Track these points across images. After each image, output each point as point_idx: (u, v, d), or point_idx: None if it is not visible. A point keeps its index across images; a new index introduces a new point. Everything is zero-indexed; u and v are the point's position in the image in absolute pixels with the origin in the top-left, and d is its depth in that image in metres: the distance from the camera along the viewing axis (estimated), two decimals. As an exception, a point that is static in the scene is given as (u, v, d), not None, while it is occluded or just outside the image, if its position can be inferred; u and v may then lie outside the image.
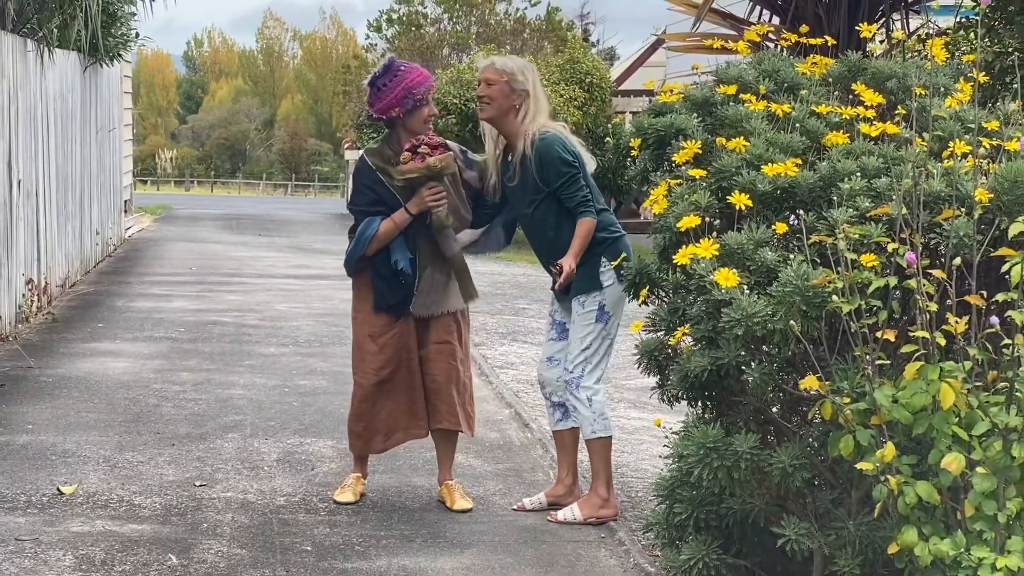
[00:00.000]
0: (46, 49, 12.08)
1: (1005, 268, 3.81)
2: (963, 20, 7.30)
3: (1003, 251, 3.86)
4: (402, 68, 6.07)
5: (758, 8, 7.69)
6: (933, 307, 3.85)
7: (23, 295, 11.16)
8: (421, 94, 5.94)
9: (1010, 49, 5.89)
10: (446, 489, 6.20)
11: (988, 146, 4.52)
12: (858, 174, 4.48)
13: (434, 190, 5.83)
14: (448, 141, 6.19)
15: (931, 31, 7.33)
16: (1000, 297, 3.81)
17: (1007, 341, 3.78)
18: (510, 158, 6.28)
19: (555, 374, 6.32)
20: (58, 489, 6.32)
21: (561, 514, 6.12)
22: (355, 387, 6.17)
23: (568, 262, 5.78)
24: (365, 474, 6.37)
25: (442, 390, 6.11)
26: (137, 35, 17.16)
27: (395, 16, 37.87)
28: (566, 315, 6.34)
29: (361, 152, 6.42)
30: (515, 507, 6.34)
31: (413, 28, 36.54)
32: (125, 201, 21.02)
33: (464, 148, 6.29)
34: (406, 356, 6.03)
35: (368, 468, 6.41)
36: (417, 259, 5.94)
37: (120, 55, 16.53)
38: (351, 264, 6.05)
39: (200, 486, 6.49)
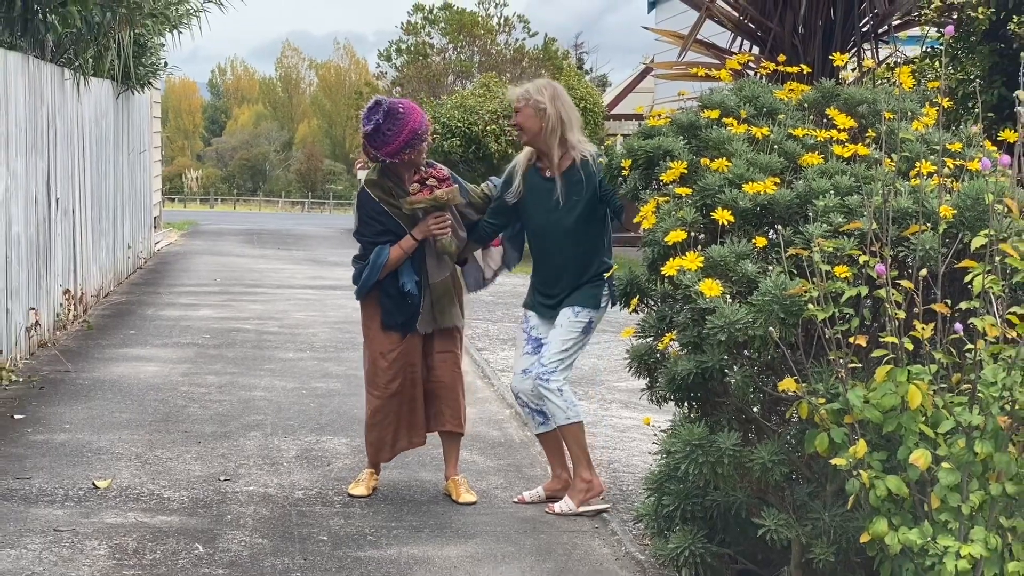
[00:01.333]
0: (82, 77, 12.04)
1: (968, 279, 3.78)
2: (928, 49, 7.22)
3: (966, 263, 3.83)
4: (400, 110, 5.93)
5: (739, 39, 7.67)
6: (901, 315, 3.82)
7: (61, 304, 11.11)
8: (424, 134, 5.88)
9: (972, 76, 5.85)
10: (452, 484, 6.17)
11: (952, 166, 4.48)
12: (832, 192, 4.43)
13: (440, 219, 5.81)
14: (452, 173, 6.14)
15: (899, 60, 7.33)
16: (963, 305, 3.79)
17: (970, 346, 3.75)
18: (547, 174, 6.13)
19: (529, 385, 6.23)
20: (93, 484, 6.30)
21: (557, 506, 6.09)
22: (368, 399, 6.10)
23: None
24: (378, 470, 6.31)
25: (447, 395, 6.06)
26: (165, 64, 17.10)
27: (403, 46, 37.82)
28: (544, 332, 6.25)
29: (361, 184, 6.30)
30: (516, 500, 6.31)
31: (420, 57, 36.49)
32: (155, 217, 20.90)
33: (459, 179, 6.19)
34: (411, 370, 5.97)
35: (379, 465, 6.43)
36: (423, 280, 5.91)
37: (150, 82, 16.46)
38: (364, 290, 5.98)
39: (224, 481, 6.47)
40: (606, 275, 6.15)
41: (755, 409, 4.54)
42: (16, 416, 7.76)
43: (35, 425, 7.57)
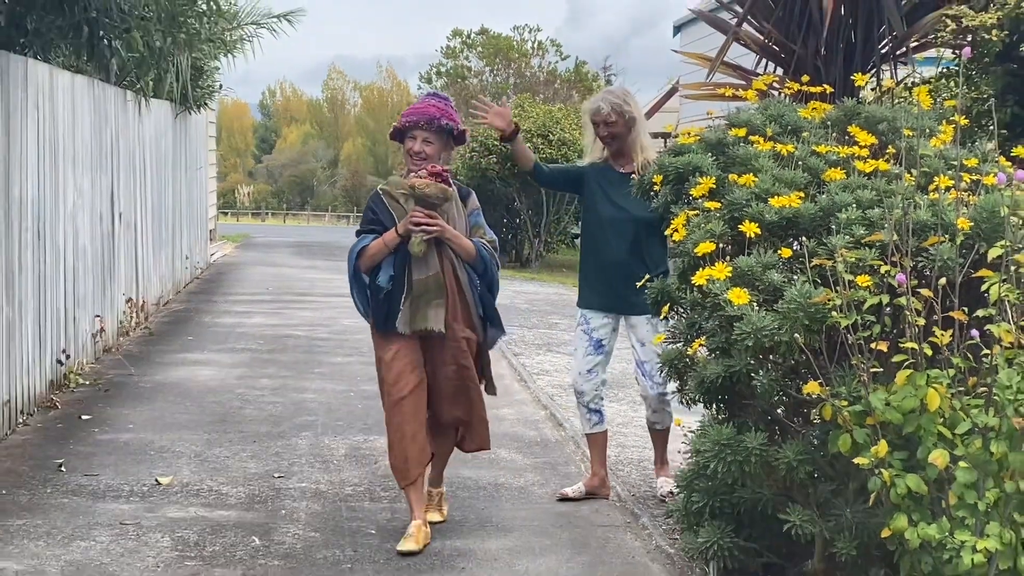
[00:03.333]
0: (143, 99, 12.10)
1: (984, 287, 3.76)
2: (945, 70, 7.19)
3: (982, 272, 3.81)
4: (420, 97, 5.63)
5: (764, 61, 7.64)
6: (921, 322, 3.79)
7: (124, 312, 11.16)
8: (402, 123, 5.35)
9: (986, 95, 5.80)
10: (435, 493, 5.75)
11: (968, 180, 4.44)
12: (854, 205, 4.41)
13: (416, 215, 5.15)
14: (467, 192, 5.56)
15: (917, 80, 7.29)
16: (980, 313, 3.77)
17: (986, 351, 3.73)
18: (623, 170, 6.18)
19: (593, 385, 6.23)
20: (156, 480, 6.33)
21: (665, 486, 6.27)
22: (385, 416, 5.45)
23: None
24: (425, 522, 5.36)
25: (455, 405, 5.37)
26: (220, 86, 17.10)
27: (443, 69, 37.91)
28: (604, 333, 6.24)
29: None
30: (558, 496, 6.26)
31: (459, 79, 36.56)
32: (210, 230, 20.93)
33: (478, 214, 5.51)
34: (417, 375, 5.28)
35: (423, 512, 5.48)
36: (405, 279, 5.25)
37: (206, 103, 16.47)
38: (351, 283, 5.46)
39: (278, 477, 6.48)
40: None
41: (780, 411, 4.49)
42: (83, 417, 7.80)
43: (101, 425, 7.60)
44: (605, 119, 6.16)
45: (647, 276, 5.59)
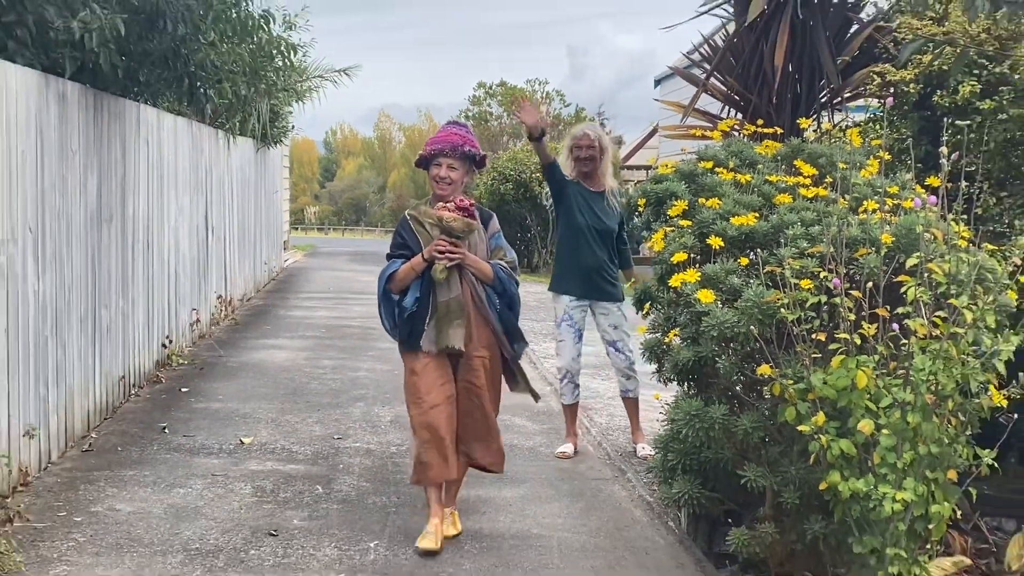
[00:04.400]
0: (231, 137, 12.02)
1: (903, 290, 3.71)
2: (872, 116, 7.08)
3: (902, 278, 3.76)
4: (442, 127, 4.86)
5: (727, 108, 7.52)
6: (852, 317, 3.74)
7: (215, 306, 11.09)
8: (427, 150, 4.65)
9: (905, 136, 5.70)
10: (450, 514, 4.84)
11: (890, 204, 4.37)
12: (798, 224, 4.34)
13: (441, 244, 4.50)
14: (490, 217, 4.80)
15: (849, 124, 7.16)
16: (900, 310, 3.72)
17: (904, 341, 3.68)
18: (594, 189, 6.18)
19: (579, 365, 6.24)
20: (240, 440, 6.29)
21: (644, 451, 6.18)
22: (412, 423, 4.69)
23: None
24: (442, 519, 4.61)
25: (472, 425, 4.67)
26: (292, 127, 16.95)
27: (470, 114, 38.07)
28: (580, 318, 6.21)
29: None
30: (557, 454, 6.18)
31: (482, 122, 36.81)
32: (284, 242, 20.78)
33: (499, 238, 4.78)
34: (444, 391, 4.60)
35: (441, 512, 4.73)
36: (431, 300, 4.57)
37: (281, 140, 16.29)
38: (380, 304, 4.71)
39: (337, 439, 6.42)
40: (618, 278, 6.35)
41: (739, 388, 4.42)
42: (183, 389, 7.76)
43: (196, 396, 7.57)
44: (588, 144, 6.15)
45: (616, 274, 5.84)
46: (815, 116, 7.20)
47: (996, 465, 3.85)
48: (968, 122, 5.17)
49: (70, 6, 5.86)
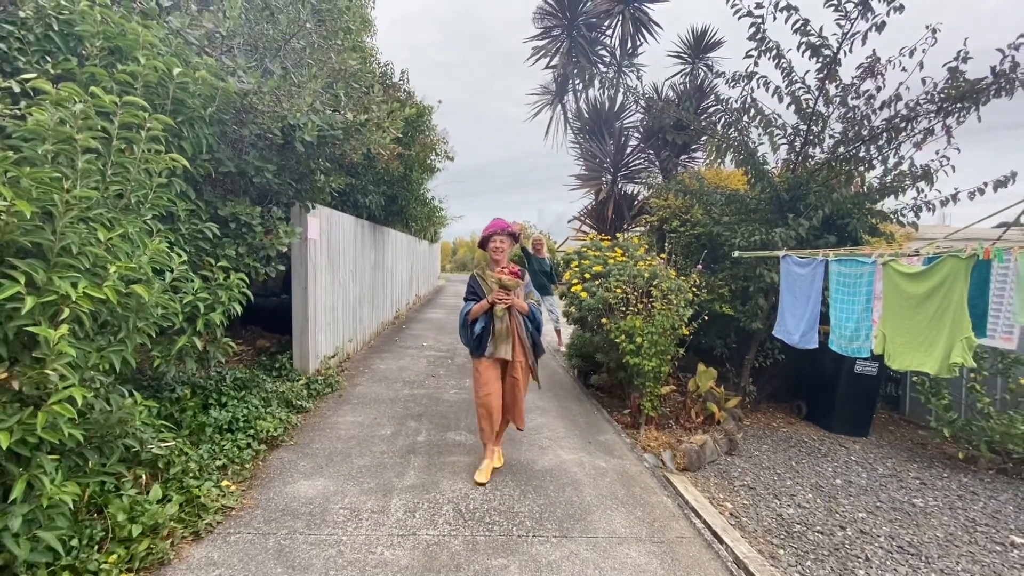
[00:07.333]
0: (418, 238, 14.20)
1: (652, 292, 5.25)
2: (642, 233, 8.09)
3: (652, 288, 5.34)
4: (491, 225, 4.87)
5: (593, 229, 9.62)
6: (634, 302, 5.23)
7: (414, 299, 13.84)
8: (486, 234, 4.83)
9: (653, 240, 7.92)
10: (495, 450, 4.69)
11: (648, 262, 5.81)
12: (616, 269, 5.73)
13: (499, 294, 4.70)
14: (525, 281, 4.77)
15: (637, 234, 8.61)
16: (641, 300, 4.94)
17: (652, 310, 5.11)
18: (538, 255, 8.02)
19: (552, 326, 8.15)
20: (422, 344, 8.51)
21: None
22: (476, 403, 4.93)
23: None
24: (491, 458, 4.87)
25: (512, 404, 4.95)
26: (440, 237, 19.02)
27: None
28: (548, 307, 7.78)
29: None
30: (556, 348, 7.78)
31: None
32: (438, 276, 20.85)
33: (530, 286, 4.95)
34: (496, 384, 4.76)
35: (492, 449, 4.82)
36: (491, 326, 4.74)
37: (436, 239, 18.61)
38: (460, 328, 4.90)
39: (457, 345, 8.65)
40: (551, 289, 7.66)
41: (595, 327, 5.76)
42: (403, 327, 10.26)
43: (408, 331, 9.96)
44: (534, 244, 8.01)
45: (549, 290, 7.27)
46: (624, 231, 9.15)
47: (683, 352, 5.32)
48: (675, 234, 6.60)
49: (366, 194, 8.01)
